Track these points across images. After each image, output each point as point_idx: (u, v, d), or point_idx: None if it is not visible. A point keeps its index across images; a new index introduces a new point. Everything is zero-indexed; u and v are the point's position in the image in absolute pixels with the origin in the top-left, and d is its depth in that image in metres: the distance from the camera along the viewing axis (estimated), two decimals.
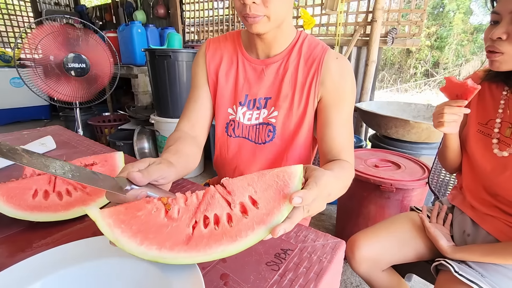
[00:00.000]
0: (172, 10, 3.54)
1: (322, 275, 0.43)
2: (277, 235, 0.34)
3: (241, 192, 0.38)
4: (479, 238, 0.78)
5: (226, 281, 0.41)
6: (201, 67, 0.77)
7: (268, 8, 0.59)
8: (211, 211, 0.37)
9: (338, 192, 0.55)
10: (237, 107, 0.76)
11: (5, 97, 3.84)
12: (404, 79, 7.63)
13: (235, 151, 0.79)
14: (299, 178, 0.37)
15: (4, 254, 0.45)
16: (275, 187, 0.37)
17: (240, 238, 0.34)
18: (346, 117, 0.69)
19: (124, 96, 3.94)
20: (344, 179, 0.58)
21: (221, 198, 0.38)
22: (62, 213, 0.52)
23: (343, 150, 0.67)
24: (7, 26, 4.76)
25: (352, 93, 0.70)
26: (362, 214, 1.40)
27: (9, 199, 0.50)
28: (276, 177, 0.37)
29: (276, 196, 0.36)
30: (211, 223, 0.36)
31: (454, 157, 0.86)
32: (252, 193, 0.37)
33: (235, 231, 0.35)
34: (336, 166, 0.60)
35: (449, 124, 0.73)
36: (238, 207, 0.37)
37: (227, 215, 0.37)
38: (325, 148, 0.68)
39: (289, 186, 0.37)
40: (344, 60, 0.70)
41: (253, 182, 0.38)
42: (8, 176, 0.69)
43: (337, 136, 0.67)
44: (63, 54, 1.79)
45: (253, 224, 0.35)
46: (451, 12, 7.56)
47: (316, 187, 0.37)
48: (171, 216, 0.37)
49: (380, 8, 2.11)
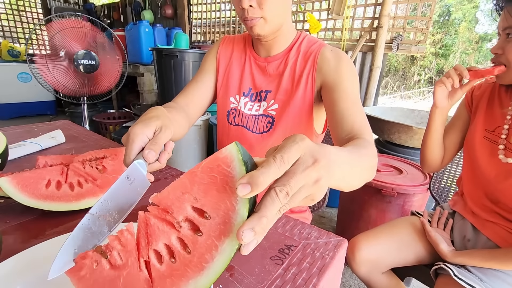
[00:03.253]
0: (180, 11, 3.58)
1: (324, 270, 0.45)
2: (245, 240, 0.24)
3: (180, 205, 0.30)
4: (479, 243, 0.79)
5: (232, 273, 0.42)
6: (212, 55, 0.83)
7: (264, 10, 0.64)
8: (156, 243, 0.30)
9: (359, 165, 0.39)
10: (240, 96, 0.81)
11: (12, 92, 3.90)
12: (408, 86, 7.64)
13: (234, 139, 0.83)
14: (237, 159, 0.28)
15: (18, 240, 0.46)
16: (216, 184, 0.28)
17: (208, 263, 0.28)
18: (353, 97, 0.65)
19: (129, 94, 3.98)
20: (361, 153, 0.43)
21: (159, 222, 0.30)
22: (74, 203, 0.54)
23: (355, 127, 0.58)
24: (16, 22, 4.82)
25: (352, 74, 0.68)
26: (362, 218, 1.41)
27: (24, 187, 0.51)
28: (210, 171, 0.29)
29: (222, 195, 0.28)
30: (165, 257, 0.30)
31: (434, 147, 0.88)
32: (193, 202, 0.29)
33: (197, 257, 0.28)
34: (349, 144, 0.50)
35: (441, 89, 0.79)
36: (185, 225, 0.30)
37: (178, 240, 0.30)
38: (337, 131, 0.61)
39: (232, 174, 0.28)
40: (340, 50, 0.73)
41: (187, 188, 0.30)
42: (19, 166, 0.71)
43: (346, 114, 0.61)
44: (74, 50, 1.82)
45: (213, 240, 0.28)
46: (457, 21, 7.58)
47: (276, 159, 0.25)
48: (115, 264, 0.31)
49: (386, 14, 2.12)
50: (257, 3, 0.64)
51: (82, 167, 0.59)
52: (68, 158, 0.64)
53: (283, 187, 0.25)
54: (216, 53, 0.83)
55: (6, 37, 4.69)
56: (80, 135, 1.01)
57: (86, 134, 1.03)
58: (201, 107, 0.82)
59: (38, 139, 0.87)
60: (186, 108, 0.76)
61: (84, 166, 0.59)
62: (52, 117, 4.27)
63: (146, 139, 0.43)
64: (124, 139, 0.44)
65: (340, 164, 0.31)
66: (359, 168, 0.39)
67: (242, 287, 0.40)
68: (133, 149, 0.41)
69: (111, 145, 0.93)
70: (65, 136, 0.95)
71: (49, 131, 0.98)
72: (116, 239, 0.32)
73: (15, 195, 0.50)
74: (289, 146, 0.27)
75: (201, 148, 2.46)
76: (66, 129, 1.07)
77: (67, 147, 0.89)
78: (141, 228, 0.31)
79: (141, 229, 0.31)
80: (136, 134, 0.42)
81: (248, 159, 0.29)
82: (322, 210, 2.00)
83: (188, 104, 0.77)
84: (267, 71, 0.78)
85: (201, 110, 0.82)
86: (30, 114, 4.16)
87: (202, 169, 0.29)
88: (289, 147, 0.27)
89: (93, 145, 0.92)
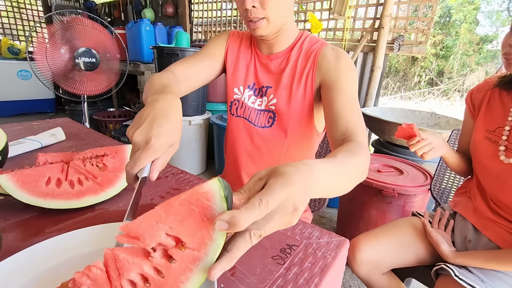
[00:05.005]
0: (181, 9, 3.57)
1: (326, 270, 0.44)
2: (215, 278, 0.26)
3: (153, 234, 0.29)
4: (480, 244, 0.79)
5: (233, 272, 0.42)
6: (221, 43, 0.83)
7: (266, 10, 0.65)
8: (127, 274, 0.29)
9: (348, 178, 0.42)
10: (245, 89, 0.82)
11: (12, 89, 3.88)
12: (408, 87, 7.63)
13: (235, 130, 0.84)
14: (219, 195, 0.28)
15: (18, 238, 0.46)
16: (194, 215, 0.28)
17: (183, 283, 0.28)
18: (349, 96, 0.65)
19: (129, 92, 3.97)
20: (352, 164, 0.44)
21: (129, 256, 0.29)
22: (74, 201, 0.54)
23: (349, 128, 0.59)
24: (16, 19, 4.81)
25: (350, 73, 0.68)
26: (363, 218, 1.41)
27: (24, 185, 0.51)
28: (189, 204, 0.28)
29: (200, 224, 0.28)
30: (139, 283, 0.29)
31: (458, 168, 0.92)
32: (167, 230, 0.29)
33: (171, 280, 0.28)
34: (341, 151, 0.48)
35: (426, 154, 0.82)
36: (158, 252, 0.29)
37: (152, 269, 0.29)
38: (332, 131, 0.62)
39: (212, 208, 0.28)
40: (340, 49, 0.73)
41: (161, 219, 0.29)
42: (19, 163, 0.71)
43: (342, 114, 0.62)
44: (75, 47, 1.82)
45: (186, 265, 0.28)
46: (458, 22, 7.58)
47: (261, 203, 0.26)
48: None
49: (387, 15, 2.12)
50: (260, 3, 0.65)
51: (83, 165, 0.59)
52: (68, 156, 0.63)
53: (257, 231, 0.26)
54: (225, 43, 0.83)
55: (6, 35, 4.68)
56: (80, 133, 1.01)
57: (86, 132, 1.02)
58: (192, 88, 0.79)
59: (38, 137, 0.87)
60: (182, 83, 0.72)
61: (85, 164, 0.59)
62: (52, 115, 4.27)
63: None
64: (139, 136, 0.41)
65: (324, 184, 0.34)
66: (348, 175, 0.42)
67: (243, 286, 0.40)
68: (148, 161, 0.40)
69: (112, 143, 0.92)
70: (65, 134, 0.95)
71: (49, 129, 0.97)
72: (84, 275, 0.30)
73: (15, 192, 0.49)
74: (276, 191, 0.27)
75: (201, 148, 2.45)
76: (66, 126, 1.07)
77: (67, 145, 0.89)
78: (110, 264, 0.30)
79: (110, 264, 0.30)
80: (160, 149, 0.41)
81: (229, 194, 0.29)
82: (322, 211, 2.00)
83: (185, 80, 0.74)
84: (269, 68, 0.79)
85: (190, 90, 0.79)
86: (29, 112, 4.15)
87: (180, 202, 0.29)
88: (276, 192, 0.27)
89: (94, 143, 0.91)
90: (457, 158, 0.90)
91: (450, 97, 6.86)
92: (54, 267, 0.38)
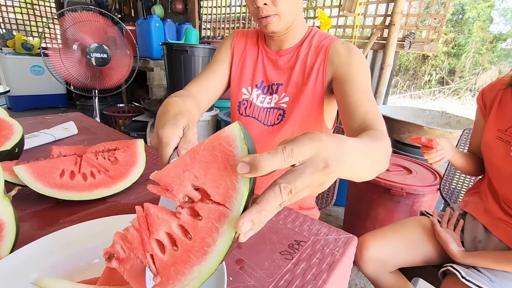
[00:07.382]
0: (190, 6, 3.58)
1: (334, 266, 0.45)
2: (243, 230, 0.24)
3: (180, 183, 0.29)
4: (490, 245, 0.78)
5: (242, 266, 0.43)
6: (226, 47, 0.84)
7: (278, 7, 0.65)
8: (157, 232, 0.30)
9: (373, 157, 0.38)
10: (253, 88, 0.82)
11: (25, 84, 3.97)
12: (418, 86, 7.51)
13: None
14: (239, 138, 0.27)
15: (34, 227, 0.47)
16: (217, 162, 0.28)
17: (210, 247, 0.27)
18: (364, 87, 0.64)
19: (138, 88, 4.01)
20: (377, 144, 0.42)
21: (159, 211, 0.30)
22: (86, 193, 0.55)
23: (367, 117, 0.57)
24: (30, 15, 4.90)
25: (363, 66, 0.68)
26: (370, 217, 1.40)
27: (39, 176, 0.52)
28: (212, 149, 0.28)
29: (223, 173, 0.27)
30: (167, 245, 0.29)
31: (465, 169, 0.93)
32: (193, 180, 0.29)
33: (198, 242, 0.28)
34: (364, 134, 0.48)
35: (436, 164, 0.85)
36: (184, 211, 0.29)
37: (179, 227, 0.29)
38: (349, 122, 0.60)
39: (233, 153, 0.27)
40: (351, 43, 0.73)
41: (187, 166, 0.29)
42: (34, 156, 0.73)
43: (358, 105, 0.60)
44: (87, 43, 1.84)
45: (212, 223, 0.27)
46: (471, 19, 7.40)
47: (285, 150, 0.25)
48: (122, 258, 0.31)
49: (399, 11, 2.09)
50: (271, 0, 0.65)
51: (95, 158, 0.60)
52: (81, 149, 0.65)
53: (288, 185, 0.25)
54: (230, 44, 0.84)
55: (20, 31, 4.77)
56: (92, 127, 1.03)
57: (98, 127, 1.04)
58: (212, 97, 0.81)
59: (51, 130, 0.89)
60: (197, 96, 0.75)
61: (97, 157, 0.60)
62: (64, 109, 4.35)
63: (178, 139, 0.43)
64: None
65: (353, 159, 0.31)
66: (373, 160, 0.38)
67: (252, 280, 0.40)
68: (168, 152, 0.41)
69: (122, 137, 0.94)
70: (77, 128, 0.97)
71: (62, 123, 0.99)
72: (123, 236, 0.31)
73: (31, 183, 0.51)
74: (302, 143, 0.26)
75: None
76: (78, 121, 1.09)
77: (80, 139, 0.91)
78: (141, 222, 0.30)
79: (140, 222, 0.30)
80: (169, 137, 0.42)
81: (249, 139, 0.29)
82: (329, 208, 1.99)
83: (200, 92, 0.76)
84: (279, 65, 0.79)
85: (211, 100, 0.81)
86: (42, 106, 4.24)
87: (204, 147, 0.29)
88: (303, 144, 0.26)
89: (105, 137, 0.93)
90: (464, 160, 0.89)
91: (461, 97, 6.73)
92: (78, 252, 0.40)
